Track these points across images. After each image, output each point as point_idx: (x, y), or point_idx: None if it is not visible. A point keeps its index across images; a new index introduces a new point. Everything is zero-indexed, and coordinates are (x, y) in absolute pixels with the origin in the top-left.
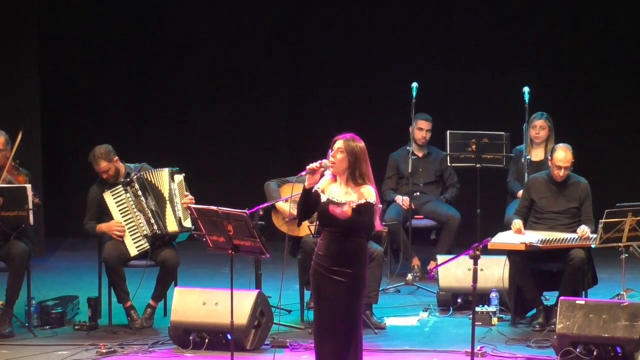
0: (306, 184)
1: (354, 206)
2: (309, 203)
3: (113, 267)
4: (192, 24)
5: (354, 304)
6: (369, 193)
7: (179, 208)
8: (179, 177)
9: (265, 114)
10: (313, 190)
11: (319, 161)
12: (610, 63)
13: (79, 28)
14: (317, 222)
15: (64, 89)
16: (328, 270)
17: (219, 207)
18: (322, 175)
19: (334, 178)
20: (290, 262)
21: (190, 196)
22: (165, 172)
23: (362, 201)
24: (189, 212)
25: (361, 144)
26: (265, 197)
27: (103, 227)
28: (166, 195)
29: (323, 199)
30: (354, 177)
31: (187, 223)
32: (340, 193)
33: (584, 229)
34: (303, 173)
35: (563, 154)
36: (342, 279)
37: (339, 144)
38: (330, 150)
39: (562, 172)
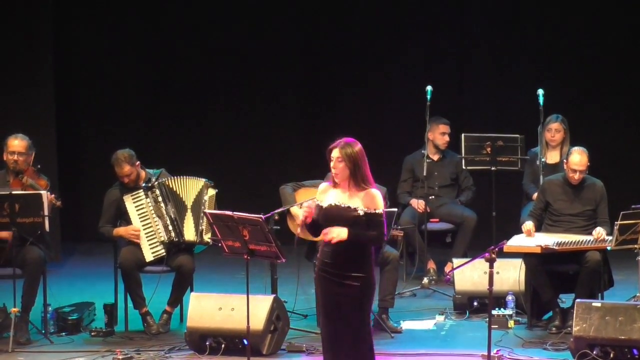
0: (298, 230)
1: (362, 213)
2: (318, 223)
3: (129, 272)
4: (207, 32)
5: (365, 308)
6: (377, 200)
7: (204, 221)
8: (212, 192)
9: (280, 117)
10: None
11: (306, 204)
12: (625, 64)
13: (95, 30)
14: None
15: (80, 93)
16: (337, 276)
17: (235, 212)
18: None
19: (334, 184)
20: (306, 267)
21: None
22: (200, 182)
23: (371, 211)
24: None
25: (357, 147)
26: (280, 202)
27: (120, 231)
28: (189, 204)
29: (325, 205)
30: (357, 181)
31: (207, 237)
32: (345, 198)
33: (599, 231)
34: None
35: (579, 157)
36: (353, 284)
37: (336, 153)
38: (330, 162)
39: (577, 176)
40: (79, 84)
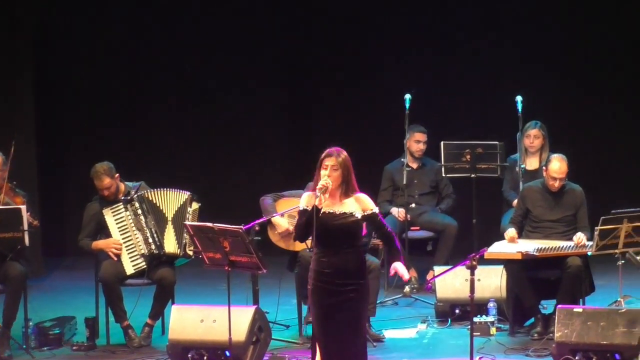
0: (316, 202)
1: (359, 217)
2: (312, 222)
3: (110, 286)
4: (191, 39)
5: (363, 314)
6: (369, 201)
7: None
8: (196, 205)
9: (260, 129)
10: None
11: (324, 180)
12: (603, 71)
13: (74, 45)
14: (313, 237)
15: (60, 108)
16: (336, 284)
17: (215, 223)
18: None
19: (323, 191)
20: (287, 277)
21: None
22: (184, 195)
23: (369, 212)
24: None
25: (345, 154)
26: (260, 213)
27: (100, 244)
28: (170, 216)
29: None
30: (347, 188)
31: (190, 251)
32: (337, 206)
33: (579, 236)
34: (318, 193)
35: (558, 165)
36: (351, 292)
37: (331, 161)
38: (322, 170)
39: (557, 183)
40: (59, 100)
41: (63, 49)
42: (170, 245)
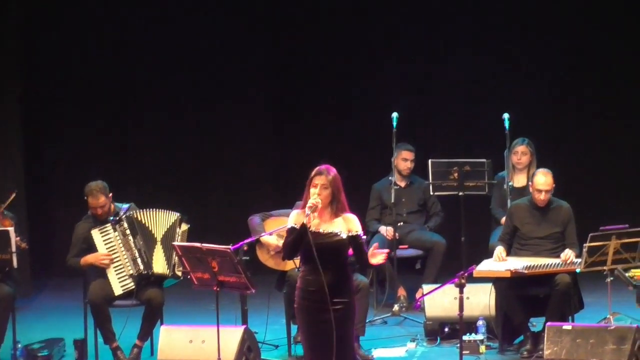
0: (305, 220)
1: (344, 237)
2: (303, 240)
3: (99, 307)
4: (177, 58)
5: (350, 332)
6: (357, 223)
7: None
8: (185, 226)
9: (246, 148)
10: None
11: (314, 199)
12: (588, 86)
13: (60, 65)
14: (300, 256)
15: (47, 131)
16: (323, 302)
17: (203, 243)
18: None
19: (313, 210)
20: (276, 297)
21: None
22: (173, 216)
23: (353, 233)
24: None
25: (335, 172)
26: (248, 232)
27: (89, 258)
28: (159, 237)
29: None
30: (337, 207)
31: (179, 271)
32: (326, 224)
33: (567, 253)
34: (307, 211)
35: (543, 178)
36: (337, 310)
37: (321, 180)
38: (311, 188)
39: (543, 196)
40: (47, 123)
41: (49, 69)
42: (160, 265)
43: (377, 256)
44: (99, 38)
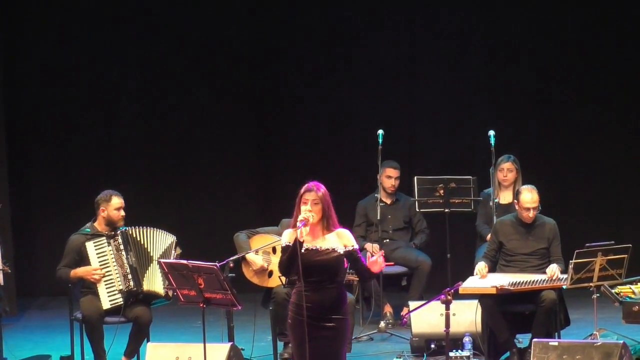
0: (297, 234)
1: (341, 252)
2: (295, 257)
3: (94, 324)
4: (160, 76)
5: (342, 350)
6: (350, 238)
7: None
8: (179, 250)
9: (233, 166)
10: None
11: (305, 214)
12: (574, 103)
13: (43, 84)
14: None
15: (32, 147)
16: (317, 319)
17: (189, 260)
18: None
19: (304, 224)
20: (262, 314)
21: None
22: (170, 238)
23: (349, 248)
24: None
25: (325, 189)
26: (234, 249)
27: (79, 271)
28: (155, 256)
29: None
30: (328, 223)
31: (171, 291)
32: (320, 241)
33: (552, 269)
34: (300, 226)
35: (530, 195)
36: (331, 327)
37: (311, 196)
38: (301, 205)
39: (531, 213)
40: (32, 139)
41: (32, 87)
42: (155, 285)
43: (376, 264)
44: (84, 56)
